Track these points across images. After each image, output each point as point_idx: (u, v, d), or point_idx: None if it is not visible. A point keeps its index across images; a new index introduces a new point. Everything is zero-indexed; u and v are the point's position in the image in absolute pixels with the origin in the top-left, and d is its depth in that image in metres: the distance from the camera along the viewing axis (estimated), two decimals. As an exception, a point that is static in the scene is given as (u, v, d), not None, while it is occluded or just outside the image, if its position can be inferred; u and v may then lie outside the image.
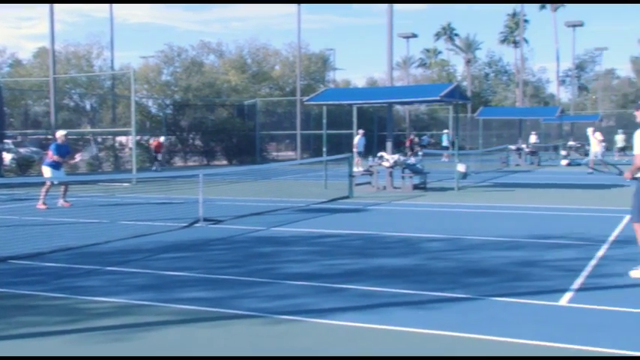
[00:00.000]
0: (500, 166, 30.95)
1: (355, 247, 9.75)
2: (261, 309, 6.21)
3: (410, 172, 18.88)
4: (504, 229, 11.22)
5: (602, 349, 5.01)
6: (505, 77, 72.59)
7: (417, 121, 56.62)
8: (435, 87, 25.22)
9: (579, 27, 56.36)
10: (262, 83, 46.62)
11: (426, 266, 8.22)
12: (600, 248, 9.17)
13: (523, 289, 6.93)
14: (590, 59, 71.64)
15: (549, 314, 6.01)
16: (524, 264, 8.24)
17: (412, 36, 50.65)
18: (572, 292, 6.71)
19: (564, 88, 72.72)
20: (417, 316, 5.97)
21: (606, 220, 11.97)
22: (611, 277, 7.39)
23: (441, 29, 77.98)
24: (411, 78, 63.86)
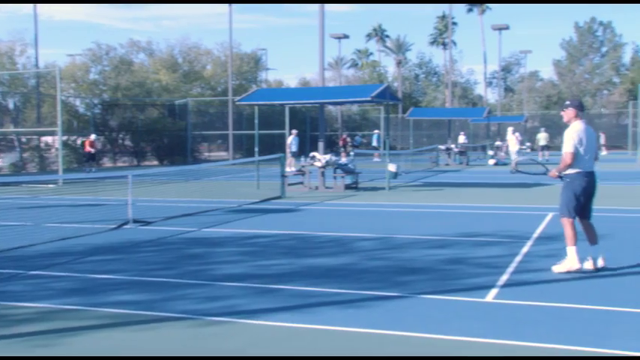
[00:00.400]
0: (430, 166, 31.50)
1: (287, 248, 9.75)
2: (193, 311, 6.15)
3: (342, 172, 19.01)
4: (434, 227, 11.43)
5: (527, 343, 5.17)
6: (435, 78, 73.95)
7: (349, 122, 57.07)
8: (367, 87, 25.51)
9: (505, 30, 58.00)
10: (194, 83, 46.12)
11: (357, 265, 8.30)
12: (525, 245, 9.45)
13: (451, 286, 7.08)
14: (515, 62, 73.69)
15: (476, 310, 6.15)
16: (452, 262, 8.42)
17: (344, 37, 51.05)
18: (497, 289, 6.90)
19: (491, 90, 74.65)
20: (347, 315, 6.02)
21: (530, 218, 12.34)
22: (535, 273, 7.63)
23: (372, 30, 78.88)
24: (343, 78, 64.34)
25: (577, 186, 7.69)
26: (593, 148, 7.76)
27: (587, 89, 67.02)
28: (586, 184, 7.70)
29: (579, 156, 7.62)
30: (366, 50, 79.74)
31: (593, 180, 7.79)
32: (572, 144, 7.59)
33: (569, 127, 7.75)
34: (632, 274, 7.61)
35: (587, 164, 7.70)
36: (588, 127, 7.82)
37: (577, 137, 7.61)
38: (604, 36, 67.93)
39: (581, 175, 7.68)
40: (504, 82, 73.75)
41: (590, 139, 7.73)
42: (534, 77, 72.91)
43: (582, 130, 7.67)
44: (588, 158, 7.69)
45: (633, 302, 6.32)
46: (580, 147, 7.60)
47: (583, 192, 7.71)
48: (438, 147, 34.84)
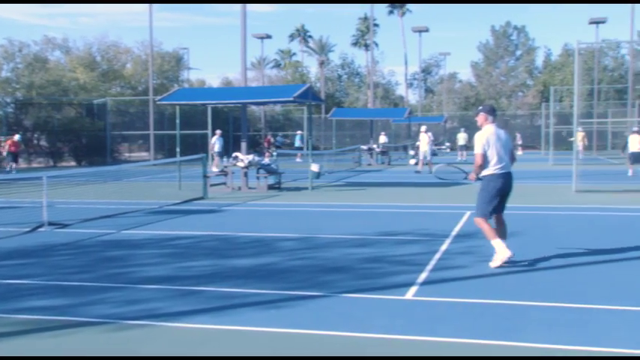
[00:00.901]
0: (352, 166, 31.82)
1: (209, 249, 9.67)
2: (111, 315, 6.02)
3: (265, 173, 18.98)
4: (356, 226, 11.56)
5: (444, 339, 5.30)
6: (357, 79, 74.70)
7: (273, 122, 57.00)
8: (289, 88, 25.51)
9: (425, 32, 59.17)
10: (113, 82, 45.04)
11: (279, 265, 8.31)
12: (443, 243, 9.68)
13: (372, 284, 7.18)
14: (435, 63, 75.25)
15: (396, 308, 6.27)
16: (373, 260, 8.54)
17: (266, 37, 50.92)
18: (417, 286, 7.05)
19: (412, 91, 76.08)
20: (268, 315, 6.03)
21: (449, 216, 12.64)
22: (453, 270, 7.83)
23: (295, 31, 79.07)
24: (266, 78, 64.22)
25: (492, 187, 8.01)
26: (506, 150, 8.06)
27: (503, 91, 69.16)
28: (500, 185, 8.01)
29: (491, 158, 7.94)
30: (289, 50, 79.89)
31: (508, 180, 8.10)
32: (480, 146, 7.97)
33: (480, 130, 8.12)
34: (542, 269, 7.90)
35: (501, 165, 8.00)
36: (500, 130, 8.15)
37: (485, 140, 7.96)
38: (518, 40, 70.26)
39: (495, 176, 7.99)
40: (424, 84, 75.25)
41: (502, 142, 8.05)
42: (453, 79, 74.68)
43: (492, 133, 8.01)
44: (500, 160, 7.99)
45: (543, 296, 6.58)
46: (488, 149, 7.93)
47: (497, 193, 8.03)
48: (360, 147, 35.23)
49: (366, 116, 43.71)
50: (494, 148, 7.97)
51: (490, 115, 8.17)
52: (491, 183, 8.01)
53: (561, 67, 63.47)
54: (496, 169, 7.99)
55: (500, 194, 8.06)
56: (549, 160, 32.90)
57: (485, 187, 8.08)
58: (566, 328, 5.58)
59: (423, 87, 73.56)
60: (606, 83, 58.44)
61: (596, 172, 25.85)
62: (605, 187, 18.67)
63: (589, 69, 54.96)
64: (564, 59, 63.18)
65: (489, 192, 8.01)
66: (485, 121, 8.15)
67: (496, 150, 7.97)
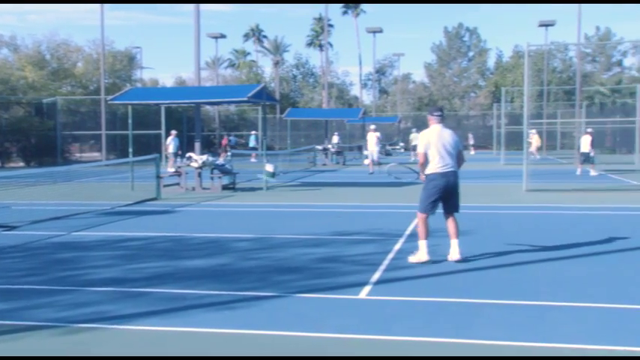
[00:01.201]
0: (307, 166, 31.84)
1: (162, 250, 9.54)
2: (60, 318, 5.88)
3: (219, 173, 18.84)
4: (310, 226, 11.55)
5: (398, 337, 5.33)
6: (312, 79, 74.80)
7: (227, 122, 56.66)
8: (243, 88, 25.43)
9: (379, 33, 59.57)
10: (63, 81, 44.11)
11: (234, 266, 8.25)
12: (397, 242, 9.75)
13: (326, 284, 7.18)
14: (389, 64, 75.84)
15: (350, 308, 6.28)
16: (327, 260, 8.54)
17: (221, 36, 50.59)
18: (370, 285, 7.07)
19: (366, 91, 76.53)
20: (222, 316, 5.98)
21: (402, 216, 12.72)
22: (406, 269, 7.89)
23: (249, 30, 78.68)
24: (220, 78, 63.81)
25: (432, 186, 8.24)
26: (449, 150, 8.21)
27: (456, 92, 70.09)
28: (441, 184, 8.19)
29: (432, 157, 8.16)
30: (244, 50, 79.44)
31: (450, 179, 8.24)
32: (422, 145, 8.29)
33: (422, 133, 8.47)
34: (494, 267, 8.02)
35: (442, 165, 8.17)
36: (445, 130, 8.32)
37: (426, 140, 8.23)
38: (470, 41, 71.30)
39: (436, 175, 8.20)
40: (379, 84, 75.75)
41: (444, 141, 8.20)
42: (407, 79, 75.37)
43: (434, 133, 8.23)
44: (441, 159, 8.16)
45: (495, 294, 6.67)
46: (429, 148, 8.16)
47: (438, 191, 8.21)
48: (315, 147, 35.27)
49: (321, 116, 43.80)
50: (436, 148, 8.17)
51: (432, 116, 8.38)
52: (432, 182, 8.23)
53: (512, 68, 64.61)
54: (437, 168, 8.19)
55: (441, 193, 8.22)
56: (501, 160, 33.46)
57: (426, 185, 8.32)
58: (518, 325, 5.66)
59: (377, 87, 74.04)
60: (555, 85, 59.72)
61: (546, 171, 26.38)
62: (554, 187, 19.06)
63: (539, 70, 56.09)
64: (515, 61, 64.34)
65: (429, 190, 8.25)
66: (432, 122, 8.37)
67: (437, 149, 8.16)
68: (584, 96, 51.72)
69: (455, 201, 8.39)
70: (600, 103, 57.80)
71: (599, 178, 22.50)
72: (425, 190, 8.34)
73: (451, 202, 8.36)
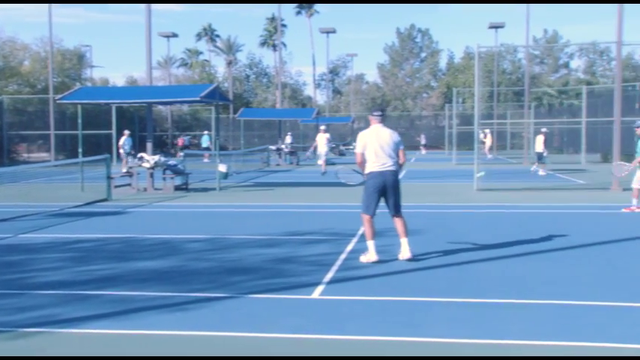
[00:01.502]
0: (261, 166, 31.76)
1: (112, 251, 9.41)
2: (6, 323, 5.76)
3: (171, 173, 18.66)
4: (264, 226, 11.54)
5: (351, 336, 5.37)
6: (265, 79, 74.61)
7: (180, 122, 56.14)
8: (196, 87, 25.21)
9: (332, 34, 59.75)
10: (10, 79, 43.08)
11: (186, 267, 8.19)
12: (350, 242, 9.81)
13: (279, 284, 7.19)
14: (342, 64, 76.13)
15: (303, 307, 6.30)
16: (280, 260, 8.55)
17: (173, 35, 50.06)
18: (323, 285, 7.11)
19: (320, 91, 76.65)
20: (174, 318, 5.93)
21: (356, 216, 12.73)
22: (359, 269, 7.95)
23: (202, 30, 78.05)
24: (173, 78, 63.13)
25: (369, 185, 8.35)
26: (387, 150, 8.28)
27: (409, 92, 70.78)
28: (378, 183, 8.27)
29: (369, 157, 8.27)
30: (196, 50, 78.71)
31: (388, 179, 8.29)
32: (358, 146, 8.41)
33: (360, 133, 8.55)
34: (443, 266, 8.14)
35: (379, 164, 8.27)
36: (385, 129, 8.41)
37: (364, 140, 8.34)
38: (423, 42, 72.10)
39: (373, 174, 8.30)
40: (332, 84, 76.00)
41: (383, 141, 8.28)
42: (360, 80, 75.80)
43: (373, 134, 8.33)
44: (378, 158, 8.26)
45: (444, 292, 6.78)
46: (367, 148, 8.26)
47: (376, 190, 8.28)
48: (269, 147, 35.21)
49: (274, 116, 43.72)
50: (373, 148, 8.26)
51: (371, 116, 8.54)
52: (369, 181, 8.34)
53: (463, 69, 65.54)
54: (374, 167, 8.28)
55: (379, 191, 8.29)
56: (452, 160, 33.92)
57: (366, 184, 8.44)
58: (466, 322, 5.76)
59: (330, 88, 74.30)
60: (505, 86, 60.80)
61: (496, 171, 26.83)
62: (503, 186, 19.42)
63: (489, 72, 57.02)
64: (466, 62, 65.27)
65: (368, 189, 8.37)
66: (374, 122, 8.49)
67: (374, 149, 8.25)
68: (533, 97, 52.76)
69: (396, 200, 8.43)
70: (548, 104, 59.10)
71: (547, 178, 23.01)
72: (364, 190, 8.45)
73: (392, 201, 8.40)
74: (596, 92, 43.65)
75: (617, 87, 18.43)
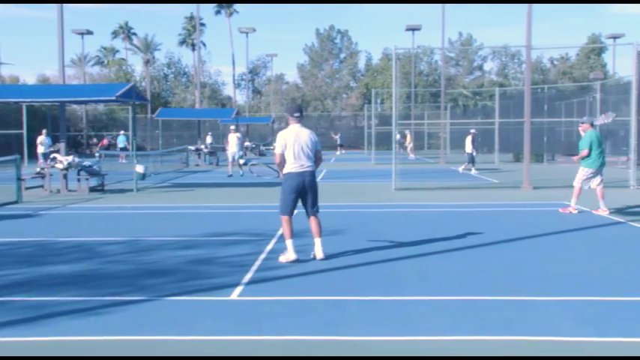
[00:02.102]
0: (180, 167, 31.33)
1: (23, 256, 9.08)
2: None
3: (86, 174, 18.15)
4: (183, 228, 11.39)
5: (269, 337, 5.38)
6: (184, 79, 73.60)
7: (96, 121, 54.68)
8: (111, 86, 24.61)
9: (252, 33, 59.54)
10: None
11: (101, 271, 7.99)
12: (269, 242, 9.80)
13: (198, 286, 7.11)
14: (262, 64, 76.00)
15: (222, 309, 6.26)
16: (200, 262, 8.46)
17: (87, 33, 48.76)
18: (242, 286, 7.08)
19: (240, 91, 76.23)
20: (89, 323, 5.78)
21: (275, 216, 12.76)
22: (278, 269, 7.96)
23: (118, 28, 76.30)
24: (88, 77, 61.43)
25: (287, 185, 8.38)
26: (305, 150, 8.33)
27: (328, 93, 71.32)
28: (296, 183, 8.32)
29: (288, 157, 8.27)
30: (113, 48, 76.87)
31: (306, 179, 8.37)
32: (278, 146, 8.35)
33: (279, 133, 8.49)
34: (362, 264, 8.24)
35: (298, 164, 8.31)
36: (304, 129, 8.44)
37: (283, 140, 8.30)
38: (342, 43, 72.81)
39: (292, 175, 8.33)
40: (252, 84, 75.74)
41: (301, 141, 8.32)
42: (280, 80, 75.84)
43: (292, 134, 8.32)
44: (297, 159, 8.29)
45: (362, 291, 6.88)
46: (286, 149, 8.25)
47: (294, 190, 8.34)
48: (188, 147, 34.76)
49: (194, 116, 43.21)
50: (292, 148, 8.27)
51: (291, 116, 8.45)
52: (287, 181, 8.36)
53: (382, 70, 66.55)
54: (293, 167, 8.31)
55: (297, 192, 8.35)
56: (372, 160, 34.40)
57: (283, 185, 8.44)
58: (383, 319, 5.86)
59: (250, 88, 74.01)
60: (422, 87, 62.11)
61: (414, 171, 27.39)
62: (421, 185, 19.84)
63: (407, 73, 58.12)
64: (384, 63, 66.31)
65: (285, 190, 8.38)
66: (291, 121, 8.46)
67: (294, 150, 8.26)
68: (449, 98, 54.11)
69: (313, 200, 8.49)
70: (463, 104, 60.75)
71: (463, 177, 23.65)
72: (283, 191, 8.45)
73: (309, 201, 8.46)
74: (508, 94, 45.22)
75: (527, 89, 19.12)
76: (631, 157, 18.51)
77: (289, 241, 8.32)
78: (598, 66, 65.69)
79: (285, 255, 8.35)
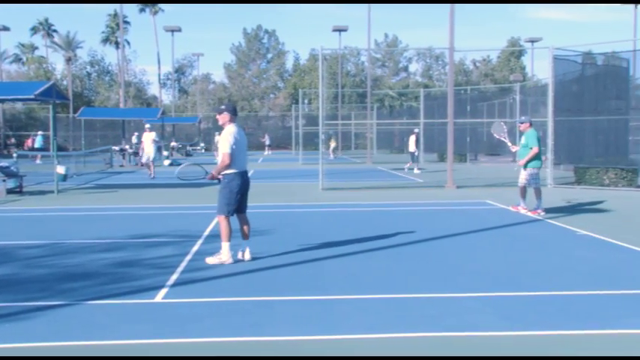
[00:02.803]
0: (104, 167, 30.62)
1: None
2: None
3: (2, 176, 17.50)
4: (106, 230, 11.13)
5: (193, 339, 5.32)
6: (108, 77, 71.97)
7: (14, 121, 52.80)
8: (30, 85, 23.85)
9: (178, 32, 58.77)
10: None
11: (19, 276, 7.71)
12: (195, 244, 9.70)
13: (121, 289, 6.97)
14: (188, 64, 75.10)
15: (145, 312, 6.14)
16: (123, 264, 8.29)
17: (4, 29, 47.06)
18: (167, 288, 6.98)
19: (166, 91, 75.10)
20: (5, 329, 5.57)
21: (202, 217, 12.67)
22: (204, 271, 7.88)
23: (38, 24, 73.89)
24: (5, 74, 59.30)
25: (234, 186, 8.27)
26: (245, 150, 8.40)
27: (256, 92, 71.14)
28: (241, 182, 8.31)
29: (235, 157, 8.17)
30: (32, 45, 74.41)
31: (248, 179, 8.47)
32: (228, 145, 8.13)
33: (225, 130, 8.30)
34: (288, 265, 8.25)
35: (242, 164, 8.32)
36: (240, 129, 8.45)
37: (232, 139, 8.16)
38: (269, 43, 72.73)
39: (238, 175, 8.27)
40: (178, 84, 74.73)
41: (243, 141, 8.36)
42: (207, 80, 75.15)
43: (236, 133, 8.26)
44: (242, 159, 8.31)
45: (289, 291, 6.89)
46: (235, 148, 8.16)
47: (240, 190, 8.32)
48: (112, 148, 34.02)
49: (118, 116, 42.36)
50: (238, 148, 8.23)
51: (233, 115, 8.40)
52: (233, 182, 8.26)
53: (309, 70, 66.87)
54: (238, 167, 8.27)
55: (241, 192, 8.35)
56: (299, 160, 34.49)
57: (226, 185, 8.28)
58: (310, 319, 5.88)
59: (176, 87, 73.01)
60: (349, 87, 62.69)
61: (341, 170, 27.63)
62: (348, 185, 20.02)
63: (334, 74, 58.57)
64: (312, 63, 66.64)
65: (232, 190, 8.26)
66: (229, 120, 8.35)
67: (237, 150, 8.23)
68: (375, 99, 54.80)
69: (246, 200, 8.61)
70: (389, 105, 61.66)
71: (388, 177, 23.99)
72: (226, 191, 8.29)
73: (245, 202, 8.54)
74: (433, 95, 46.16)
75: (450, 90, 19.56)
76: (548, 157, 19.19)
77: (227, 244, 8.21)
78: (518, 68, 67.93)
79: (217, 257, 8.24)
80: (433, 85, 64.97)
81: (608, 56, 19.37)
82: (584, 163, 18.94)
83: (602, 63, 19.68)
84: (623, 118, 18.57)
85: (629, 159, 18.63)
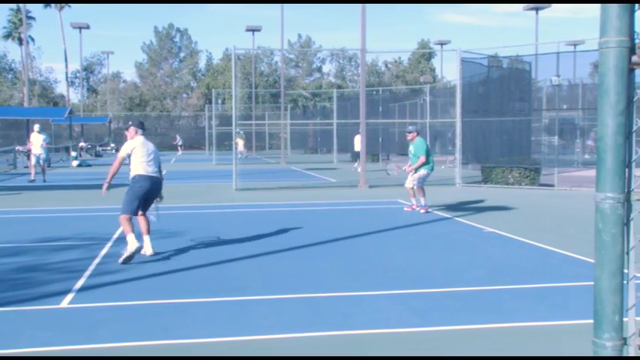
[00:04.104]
0: (7, 169, 29.39)
1: None
2: None
3: None
4: (9, 234, 10.69)
5: (102, 344, 5.17)
6: (11, 75, 69.05)
7: None
8: None
9: (86, 29, 57.08)
10: None
11: None
12: (104, 247, 9.46)
13: (23, 296, 6.70)
14: (97, 62, 72.97)
15: (49, 319, 5.93)
16: (27, 269, 7.98)
17: None
18: (73, 293, 6.76)
19: (74, 89, 72.74)
20: None
21: (110, 219, 12.32)
22: (113, 274, 7.68)
23: None
24: None
25: (138, 187, 8.67)
26: (152, 158, 8.81)
27: (168, 92, 69.92)
28: (147, 186, 8.70)
29: (138, 163, 8.67)
30: None
31: (155, 183, 8.82)
32: (124, 152, 8.77)
33: (128, 141, 8.89)
34: (202, 266, 8.17)
35: (148, 170, 8.71)
36: (148, 141, 9.00)
37: (131, 148, 8.73)
38: (182, 42, 71.62)
39: (143, 178, 8.69)
40: (87, 83, 72.54)
41: (149, 150, 8.82)
42: (118, 79, 73.27)
43: (140, 143, 8.79)
44: (147, 165, 8.72)
45: (202, 292, 6.81)
46: (132, 156, 8.70)
47: (143, 193, 8.70)
48: (15, 148, 32.66)
49: (22, 115, 40.69)
50: (142, 155, 8.70)
51: (139, 129, 8.99)
52: (137, 184, 8.67)
53: (223, 70, 66.29)
54: (146, 171, 8.70)
55: (146, 194, 8.72)
56: (213, 160, 34.16)
57: (132, 187, 8.69)
58: (223, 320, 5.83)
59: (85, 86, 70.86)
60: (263, 87, 62.58)
61: (255, 171, 27.55)
62: (261, 185, 19.98)
63: (247, 74, 58.27)
64: (225, 63, 66.06)
65: (137, 191, 8.66)
66: (135, 133, 8.92)
67: (143, 157, 8.70)
68: (289, 99, 54.94)
69: (150, 203, 8.99)
70: (303, 105, 61.94)
71: (302, 177, 24.09)
72: (131, 192, 8.66)
73: (149, 203, 8.91)
74: (346, 95, 46.64)
75: (362, 91, 19.84)
76: (457, 157, 19.76)
77: (131, 235, 8.28)
78: (428, 70, 69.60)
79: (126, 250, 8.25)
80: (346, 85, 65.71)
81: (513, 59, 20.13)
82: (491, 163, 19.60)
83: (507, 66, 20.43)
84: (526, 119, 19.35)
85: (531, 159, 19.42)
